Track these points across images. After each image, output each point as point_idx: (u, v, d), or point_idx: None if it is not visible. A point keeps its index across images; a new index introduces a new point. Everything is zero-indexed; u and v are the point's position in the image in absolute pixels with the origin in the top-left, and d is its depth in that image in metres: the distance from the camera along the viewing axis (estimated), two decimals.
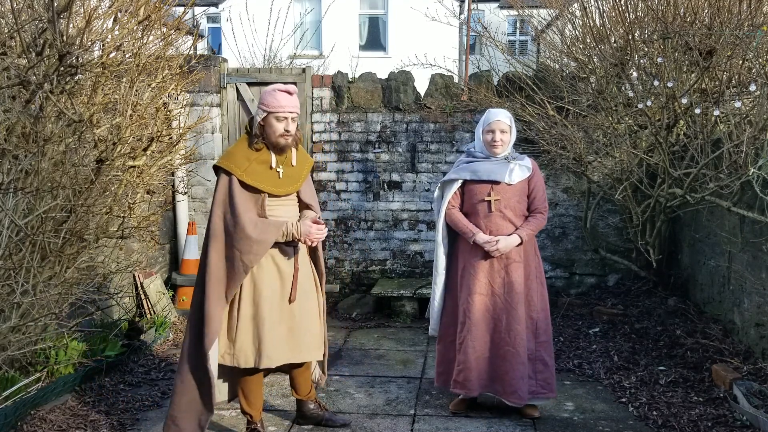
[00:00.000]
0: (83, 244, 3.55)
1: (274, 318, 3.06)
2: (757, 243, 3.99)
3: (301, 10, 13.61)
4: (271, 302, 3.06)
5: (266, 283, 3.07)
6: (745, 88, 4.06)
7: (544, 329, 3.58)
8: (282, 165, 3.13)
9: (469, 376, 3.53)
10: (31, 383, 3.40)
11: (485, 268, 3.54)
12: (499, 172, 3.52)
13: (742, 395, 3.49)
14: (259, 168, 3.08)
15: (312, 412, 3.49)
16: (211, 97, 6.01)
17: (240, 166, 3.04)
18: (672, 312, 4.96)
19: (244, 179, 3.03)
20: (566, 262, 6.05)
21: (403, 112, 6.08)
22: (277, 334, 3.06)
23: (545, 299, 3.63)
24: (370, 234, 6.19)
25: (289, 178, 3.16)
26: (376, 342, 5.10)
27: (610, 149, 5.02)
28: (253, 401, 3.25)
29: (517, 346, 3.47)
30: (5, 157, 2.86)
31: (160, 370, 4.33)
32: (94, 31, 3.22)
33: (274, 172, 3.11)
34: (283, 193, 3.14)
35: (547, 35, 6.84)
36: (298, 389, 3.44)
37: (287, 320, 3.11)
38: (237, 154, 3.10)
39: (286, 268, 3.12)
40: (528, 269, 3.57)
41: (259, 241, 2.98)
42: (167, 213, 5.79)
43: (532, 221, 3.56)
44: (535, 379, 3.54)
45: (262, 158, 3.10)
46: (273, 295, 3.08)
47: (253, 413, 3.27)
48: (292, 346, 3.11)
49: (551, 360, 3.60)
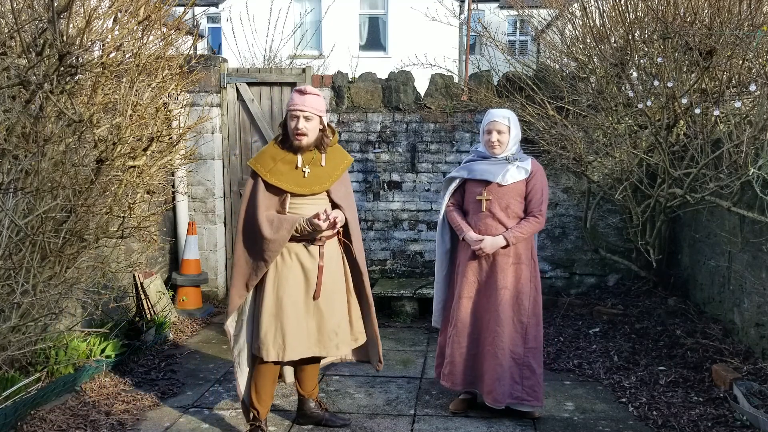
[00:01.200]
0: (83, 244, 3.55)
1: (299, 313, 3.17)
2: (757, 243, 3.99)
3: (301, 10, 13.61)
4: (295, 299, 3.17)
5: (290, 281, 3.18)
6: (745, 88, 4.06)
7: (534, 335, 3.54)
8: (309, 165, 3.21)
9: (453, 370, 3.60)
10: (31, 383, 3.40)
11: (474, 267, 3.57)
12: (494, 172, 3.52)
13: (742, 395, 3.49)
14: (284, 168, 3.18)
15: (312, 412, 3.50)
16: (211, 97, 6.01)
17: (265, 165, 3.19)
18: (672, 312, 4.96)
19: (267, 179, 3.16)
20: (566, 262, 6.05)
21: (403, 112, 6.08)
22: (300, 329, 3.17)
23: (538, 305, 3.58)
24: (370, 234, 6.19)
25: (316, 177, 3.22)
26: None
27: (610, 149, 5.02)
28: (263, 398, 3.30)
29: (496, 348, 3.47)
30: (5, 157, 2.86)
31: (160, 370, 4.34)
32: (94, 31, 3.22)
33: (300, 171, 3.19)
34: (308, 193, 3.21)
35: (547, 35, 6.84)
36: (303, 385, 3.48)
37: (313, 316, 3.21)
38: (265, 153, 3.24)
39: (311, 267, 3.21)
40: (520, 273, 3.53)
41: (273, 239, 3.11)
42: (167, 213, 5.79)
43: (524, 224, 3.50)
44: (521, 385, 3.51)
45: (289, 158, 3.20)
46: (297, 291, 3.18)
47: (260, 410, 3.31)
48: (316, 340, 3.22)
49: (539, 368, 3.55)
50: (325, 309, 3.22)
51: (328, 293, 3.24)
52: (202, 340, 5.08)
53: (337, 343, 3.26)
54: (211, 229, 6.12)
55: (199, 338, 5.14)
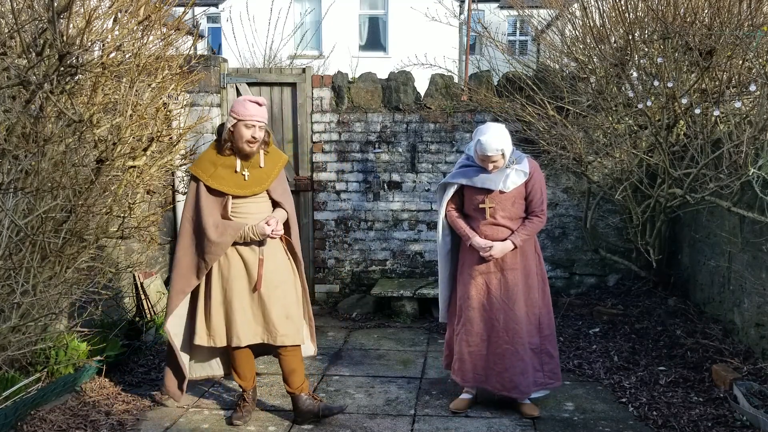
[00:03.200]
0: (83, 244, 3.55)
1: (244, 303, 3.44)
2: (757, 243, 3.99)
3: (301, 11, 13.61)
4: (239, 290, 3.44)
5: (233, 274, 3.44)
6: (745, 88, 4.06)
7: (547, 323, 3.68)
8: (248, 168, 3.46)
9: (463, 367, 3.67)
10: (31, 383, 3.40)
11: (482, 269, 3.63)
12: (494, 180, 3.55)
13: (742, 395, 3.49)
14: (225, 172, 3.42)
15: (307, 406, 3.52)
16: (211, 97, 6.01)
17: (206, 171, 3.42)
18: (672, 312, 4.96)
19: (209, 183, 3.40)
20: (566, 262, 6.05)
21: (403, 112, 6.08)
22: (246, 317, 3.45)
23: (547, 294, 3.72)
24: (370, 234, 6.19)
25: (256, 179, 3.46)
26: (376, 342, 5.10)
27: (610, 149, 5.02)
28: (241, 373, 3.62)
29: (516, 344, 3.56)
30: (5, 157, 2.86)
31: (160, 370, 4.33)
32: (94, 31, 3.22)
33: (240, 175, 3.43)
34: (249, 194, 3.46)
35: (547, 35, 6.84)
36: (289, 382, 3.56)
37: (258, 305, 3.46)
38: (204, 159, 3.47)
39: (252, 260, 3.45)
40: (527, 269, 3.63)
41: (217, 243, 3.37)
42: (167, 213, 5.78)
43: (528, 225, 3.59)
44: (542, 371, 3.65)
45: (228, 162, 3.43)
46: (241, 283, 3.44)
47: (243, 384, 3.63)
48: (264, 329, 3.47)
49: (555, 351, 3.72)
50: (268, 299, 3.45)
51: (272, 284, 3.46)
52: None
53: (285, 332, 3.47)
54: None
55: None
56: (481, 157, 3.51)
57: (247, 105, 3.36)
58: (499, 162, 3.52)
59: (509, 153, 3.52)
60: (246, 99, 3.40)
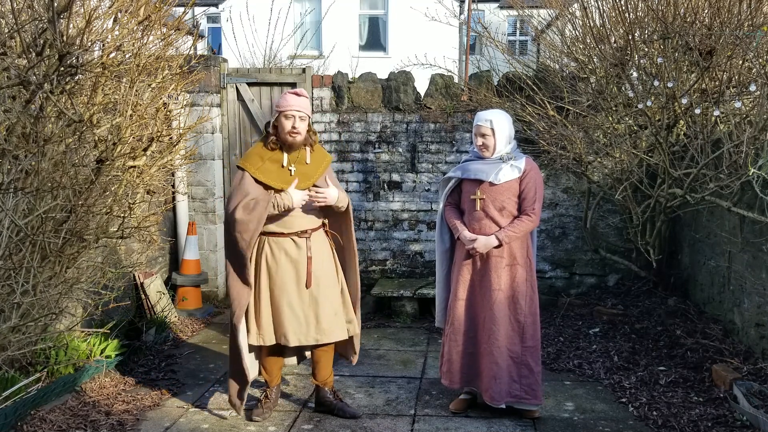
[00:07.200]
0: (83, 244, 3.55)
1: (293, 302, 3.43)
2: (757, 243, 3.99)
3: (301, 11, 13.61)
4: (287, 289, 3.43)
5: (281, 273, 3.43)
6: (745, 88, 4.06)
7: (531, 334, 3.55)
8: (294, 163, 3.45)
9: (451, 368, 3.65)
10: (31, 383, 3.40)
11: (469, 266, 3.61)
12: (487, 171, 3.53)
13: (742, 395, 3.49)
14: (272, 166, 3.42)
15: (326, 400, 3.68)
16: (211, 97, 6.01)
17: (254, 164, 3.42)
18: (672, 312, 4.96)
19: (256, 176, 3.39)
20: (566, 262, 6.05)
21: (403, 112, 6.08)
22: (295, 317, 3.43)
23: (535, 305, 3.58)
24: (370, 234, 6.19)
25: (302, 174, 3.45)
26: (376, 342, 5.10)
27: (610, 149, 5.02)
28: (269, 369, 3.66)
29: (492, 347, 3.49)
30: (5, 157, 2.86)
31: (160, 370, 4.34)
32: (94, 31, 3.22)
33: (286, 170, 3.43)
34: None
35: (547, 35, 6.84)
36: (316, 374, 3.65)
37: (308, 304, 3.45)
38: (253, 153, 3.48)
39: (300, 258, 3.44)
40: (515, 273, 3.53)
41: (247, 220, 3.30)
42: (167, 213, 5.79)
43: (516, 224, 3.50)
44: (519, 384, 3.53)
45: (275, 157, 3.44)
46: (289, 282, 3.43)
47: (269, 379, 3.68)
48: (311, 328, 3.45)
49: (537, 367, 3.56)
50: (318, 297, 3.45)
51: (321, 282, 3.46)
52: (202, 340, 5.08)
53: (330, 330, 3.47)
54: (211, 230, 6.12)
55: (199, 338, 5.14)
56: (474, 132, 3.55)
57: (287, 96, 3.38)
58: (488, 139, 3.50)
59: (504, 137, 3.50)
60: (287, 92, 3.42)
